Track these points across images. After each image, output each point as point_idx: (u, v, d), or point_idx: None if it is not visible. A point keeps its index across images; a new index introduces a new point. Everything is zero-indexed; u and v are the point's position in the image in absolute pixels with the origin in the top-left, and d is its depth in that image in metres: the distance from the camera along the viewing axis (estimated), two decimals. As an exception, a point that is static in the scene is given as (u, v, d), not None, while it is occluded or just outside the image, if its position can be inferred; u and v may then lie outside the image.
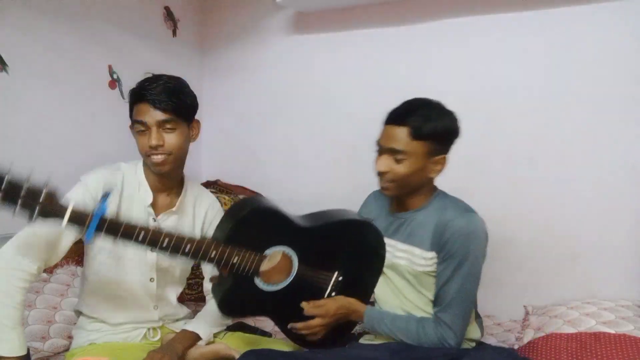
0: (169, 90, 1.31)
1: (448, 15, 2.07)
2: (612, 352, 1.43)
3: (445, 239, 1.26)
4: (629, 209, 1.81)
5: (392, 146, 1.26)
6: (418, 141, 1.24)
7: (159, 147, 1.30)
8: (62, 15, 1.94)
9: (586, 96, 1.85)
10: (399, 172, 1.27)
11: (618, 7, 1.79)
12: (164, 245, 1.14)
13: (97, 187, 1.30)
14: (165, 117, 1.30)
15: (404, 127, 1.25)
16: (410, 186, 1.31)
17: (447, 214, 1.28)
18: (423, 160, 1.26)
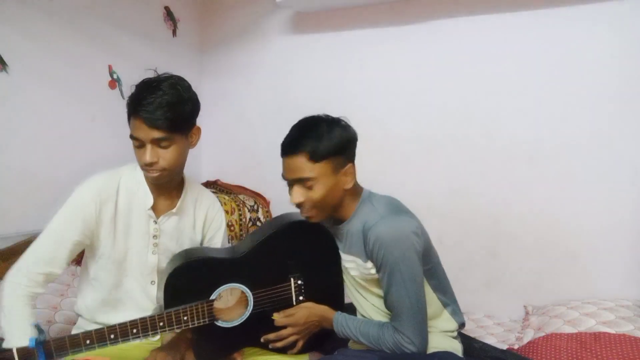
0: (165, 106, 1.25)
1: (448, 15, 2.07)
2: (612, 352, 1.43)
3: (369, 248, 1.24)
4: (629, 209, 1.82)
5: (297, 176, 1.25)
6: (319, 163, 1.23)
7: (153, 164, 1.28)
8: (62, 15, 1.94)
9: (586, 96, 1.86)
10: (315, 197, 1.25)
11: (618, 7, 1.79)
12: (111, 338, 1.18)
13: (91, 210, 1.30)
14: (160, 135, 1.26)
15: (300, 155, 1.24)
16: (331, 205, 1.29)
17: (369, 221, 1.25)
18: (332, 178, 1.25)
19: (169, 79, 1.31)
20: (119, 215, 1.35)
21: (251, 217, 2.37)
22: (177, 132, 1.29)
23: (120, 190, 1.35)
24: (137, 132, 1.27)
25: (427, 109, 2.14)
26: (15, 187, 1.81)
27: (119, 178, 1.37)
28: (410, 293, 1.22)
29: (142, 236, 1.38)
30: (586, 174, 1.87)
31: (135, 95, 1.29)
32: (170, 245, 1.42)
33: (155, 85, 1.28)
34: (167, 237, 1.41)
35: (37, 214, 1.87)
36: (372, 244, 1.22)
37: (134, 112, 1.26)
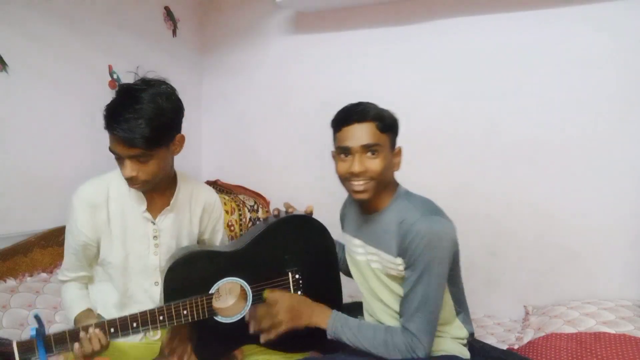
0: (143, 124, 1.20)
1: (448, 15, 2.07)
2: (612, 352, 1.43)
3: (406, 244, 1.21)
4: (629, 208, 1.82)
5: (366, 142, 1.23)
6: (385, 133, 1.25)
7: (133, 177, 1.26)
8: (62, 16, 1.94)
9: (586, 96, 1.85)
10: (376, 168, 1.23)
11: (618, 7, 1.79)
12: (111, 332, 1.20)
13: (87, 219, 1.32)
14: (138, 152, 1.23)
15: (370, 122, 1.24)
16: (384, 184, 1.28)
17: (408, 218, 1.22)
18: (390, 154, 1.27)
19: (150, 87, 1.25)
20: (113, 221, 1.35)
21: (251, 217, 2.37)
22: (156, 147, 1.25)
23: (111, 196, 1.35)
24: (114, 147, 1.25)
25: (427, 108, 2.14)
26: (15, 187, 1.81)
27: (107, 184, 1.36)
28: (434, 295, 1.20)
29: (141, 239, 1.38)
30: (586, 174, 1.87)
31: (111, 109, 1.24)
32: (171, 243, 1.42)
33: (133, 97, 1.22)
34: (167, 236, 1.41)
35: (37, 214, 1.88)
36: (411, 240, 1.19)
37: (109, 128, 1.23)
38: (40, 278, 1.77)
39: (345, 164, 1.26)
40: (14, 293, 1.64)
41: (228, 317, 1.34)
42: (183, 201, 1.45)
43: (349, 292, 2.31)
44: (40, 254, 1.81)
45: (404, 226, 1.22)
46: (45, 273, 1.80)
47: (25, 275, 1.75)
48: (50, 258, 1.84)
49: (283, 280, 1.41)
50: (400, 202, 1.29)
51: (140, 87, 1.25)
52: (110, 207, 1.35)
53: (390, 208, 1.29)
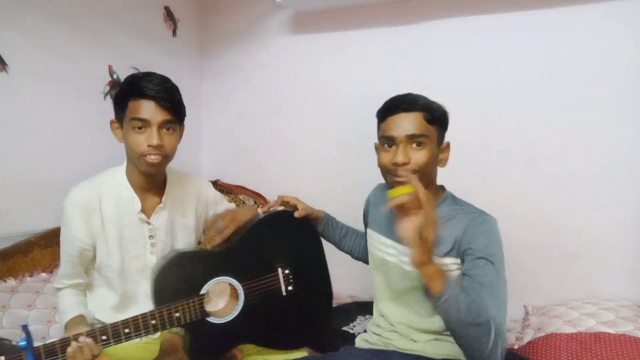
0: (171, 90, 1.28)
1: (448, 15, 2.07)
2: (612, 352, 1.43)
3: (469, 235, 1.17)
4: (629, 208, 1.82)
5: (412, 132, 1.18)
6: (432, 125, 1.20)
7: (159, 147, 1.27)
8: (62, 16, 1.94)
9: (585, 96, 1.85)
10: (421, 160, 1.18)
11: (617, 7, 1.79)
12: (103, 340, 1.16)
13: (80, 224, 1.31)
14: (169, 117, 1.27)
15: (417, 112, 1.20)
16: (428, 178, 1.22)
17: (463, 215, 1.21)
18: (436, 148, 1.22)
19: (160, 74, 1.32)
20: (107, 224, 1.34)
21: (251, 217, 2.37)
22: (180, 118, 1.32)
23: (103, 199, 1.34)
24: (144, 113, 1.25)
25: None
26: (15, 187, 1.81)
27: (100, 187, 1.35)
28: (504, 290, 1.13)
29: (138, 240, 1.38)
30: (586, 174, 1.87)
31: (134, 80, 1.27)
32: (166, 240, 1.42)
33: (150, 73, 1.29)
34: (162, 233, 1.41)
35: (37, 214, 1.88)
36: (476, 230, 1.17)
37: (139, 92, 1.24)
38: (40, 278, 1.77)
39: (389, 154, 1.21)
40: (14, 293, 1.64)
41: (221, 317, 1.33)
42: (174, 197, 1.45)
43: (349, 292, 2.31)
44: (40, 254, 1.81)
45: (458, 223, 1.19)
46: (45, 273, 1.80)
47: (25, 275, 1.75)
48: (50, 258, 1.84)
49: (273, 276, 1.40)
50: (447, 205, 1.25)
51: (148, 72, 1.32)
52: (104, 210, 1.34)
53: (439, 209, 1.24)
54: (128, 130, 1.28)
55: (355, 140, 2.28)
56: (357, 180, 2.32)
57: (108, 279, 1.38)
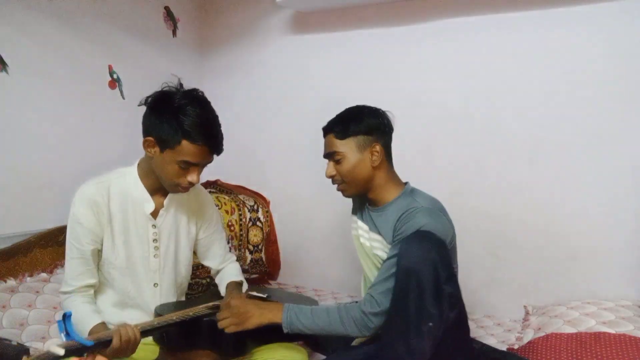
0: (220, 132, 1.38)
1: (448, 15, 2.07)
2: (612, 352, 1.43)
3: (398, 226, 1.31)
4: (629, 208, 1.81)
5: (326, 152, 1.45)
6: (344, 139, 1.40)
7: (194, 184, 1.35)
8: (62, 16, 1.94)
9: (586, 96, 1.85)
10: (342, 170, 1.41)
11: (618, 7, 1.79)
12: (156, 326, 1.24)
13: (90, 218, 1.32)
14: (211, 160, 1.36)
15: (329, 134, 1.45)
16: (361, 180, 1.41)
17: (410, 208, 1.33)
18: (358, 154, 1.39)
19: (204, 98, 1.37)
20: (114, 221, 1.36)
21: (251, 217, 2.37)
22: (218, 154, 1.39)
23: (112, 197, 1.36)
24: (195, 158, 1.30)
25: (426, 108, 2.14)
26: (15, 187, 1.81)
27: (108, 185, 1.36)
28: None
29: (142, 241, 1.39)
30: (586, 174, 1.87)
31: (197, 121, 1.28)
32: (170, 244, 1.43)
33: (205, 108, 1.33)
34: (166, 237, 1.42)
35: (37, 214, 1.88)
36: (403, 222, 1.29)
37: (196, 138, 1.27)
38: (40, 278, 1.76)
39: (326, 169, 1.47)
40: (14, 293, 1.63)
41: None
42: (179, 202, 1.46)
43: (349, 292, 2.31)
44: (40, 254, 1.81)
45: (403, 215, 1.32)
46: (45, 273, 1.80)
47: (25, 275, 1.74)
48: (50, 258, 1.83)
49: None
50: (404, 199, 1.39)
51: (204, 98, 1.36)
52: (112, 207, 1.35)
53: (393, 204, 1.40)
54: (171, 162, 1.30)
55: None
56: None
57: (111, 275, 1.38)
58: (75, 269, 1.34)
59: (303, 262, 2.51)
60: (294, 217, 2.52)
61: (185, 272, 1.52)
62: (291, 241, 2.50)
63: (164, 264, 1.44)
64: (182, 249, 1.48)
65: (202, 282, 2.02)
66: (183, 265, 1.50)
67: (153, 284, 1.42)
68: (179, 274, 1.49)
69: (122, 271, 1.37)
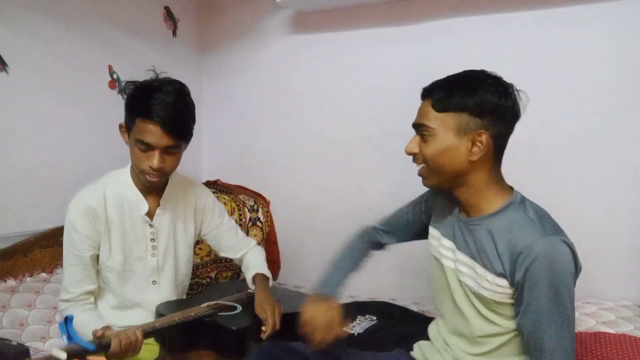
0: (179, 113, 1.27)
1: (448, 15, 2.07)
2: (612, 352, 1.42)
3: (520, 268, 0.99)
4: (629, 209, 1.81)
5: (417, 122, 1.11)
6: (442, 112, 1.07)
7: (159, 169, 1.28)
8: (62, 15, 1.94)
9: (586, 96, 1.85)
10: (426, 152, 1.08)
11: (618, 7, 1.78)
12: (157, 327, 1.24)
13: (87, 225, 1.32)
14: (172, 143, 1.27)
15: (427, 98, 1.11)
16: (448, 172, 1.08)
17: (523, 234, 1.02)
18: (453, 138, 1.05)
19: (173, 83, 1.31)
20: (111, 225, 1.36)
21: (251, 217, 2.37)
22: (185, 140, 1.32)
23: (108, 200, 1.36)
24: (148, 137, 1.25)
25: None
26: (15, 187, 1.81)
27: (103, 189, 1.37)
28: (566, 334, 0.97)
29: (140, 241, 1.39)
30: (586, 174, 1.87)
31: (143, 96, 1.26)
32: (168, 242, 1.43)
33: (163, 90, 1.26)
34: (164, 236, 1.42)
35: (37, 214, 1.88)
36: (528, 264, 0.98)
37: (147, 114, 1.23)
38: (40, 278, 1.76)
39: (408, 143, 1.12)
40: (14, 293, 1.64)
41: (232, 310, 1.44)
42: (175, 200, 1.46)
43: (349, 292, 2.31)
44: (40, 254, 1.81)
45: (516, 245, 1.01)
46: (45, 273, 1.80)
47: (25, 275, 1.75)
48: (50, 258, 1.83)
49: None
50: (512, 211, 1.08)
51: (164, 82, 1.30)
52: (108, 211, 1.36)
53: (499, 215, 1.08)
54: (132, 144, 1.30)
55: (355, 140, 2.28)
56: (358, 181, 2.33)
57: (108, 279, 1.38)
58: (74, 276, 1.33)
59: (303, 262, 2.51)
60: (294, 217, 2.52)
61: (185, 270, 1.53)
62: (291, 241, 2.50)
63: (163, 262, 1.44)
64: (180, 247, 1.49)
65: (202, 282, 2.02)
66: (182, 263, 1.51)
67: (152, 281, 1.42)
68: (178, 271, 1.50)
69: (119, 274, 1.38)
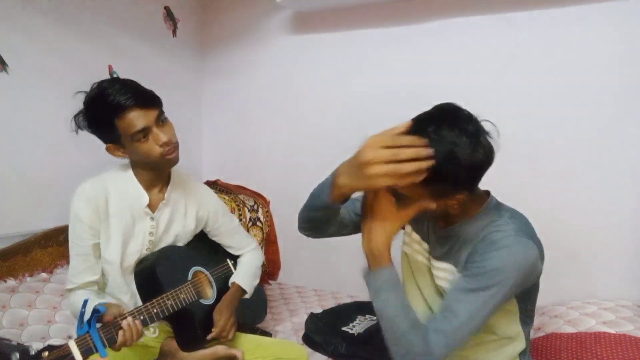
0: (136, 87, 1.29)
1: (448, 15, 2.07)
2: (612, 352, 1.43)
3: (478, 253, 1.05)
4: (629, 208, 1.81)
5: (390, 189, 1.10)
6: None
7: (170, 141, 1.30)
8: (62, 15, 1.94)
9: (586, 96, 1.85)
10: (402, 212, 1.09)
11: (618, 7, 1.78)
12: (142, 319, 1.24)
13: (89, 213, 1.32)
14: (158, 111, 1.29)
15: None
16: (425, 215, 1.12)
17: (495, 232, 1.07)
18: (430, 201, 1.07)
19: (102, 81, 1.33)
20: (112, 218, 1.36)
21: (251, 217, 2.37)
22: (161, 105, 1.33)
23: (110, 194, 1.36)
24: (138, 123, 1.26)
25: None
26: (15, 187, 1.81)
27: (106, 183, 1.37)
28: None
29: (138, 235, 1.39)
30: (586, 174, 1.87)
31: (101, 104, 1.28)
32: (164, 237, 1.44)
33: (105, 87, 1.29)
34: (161, 230, 1.43)
35: (37, 214, 1.88)
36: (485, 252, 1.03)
37: (119, 109, 1.25)
38: (40, 278, 1.77)
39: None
40: (14, 293, 1.64)
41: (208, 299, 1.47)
42: (177, 196, 1.47)
43: (349, 292, 2.31)
44: (40, 254, 1.82)
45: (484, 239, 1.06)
46: (45, 273, 1.80)
47: (25, 275, 1.75)
48: (50, 258, 1.84)
49: (225, 266, 1.61)
50: (487, 215, 1.13)
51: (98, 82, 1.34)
52: (110, 205, 1.36)
53: (474, 220, 1.12)
54: (132, 144, 1.29)
55: (355, 140, 2.27)
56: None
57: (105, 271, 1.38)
58: (78, 267, 1.35)
59: (303, 262, 2.51)
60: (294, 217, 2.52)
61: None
62: (291, 241, 2.50)
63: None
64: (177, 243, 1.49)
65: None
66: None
67: None
68: None
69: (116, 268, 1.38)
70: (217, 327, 1.39)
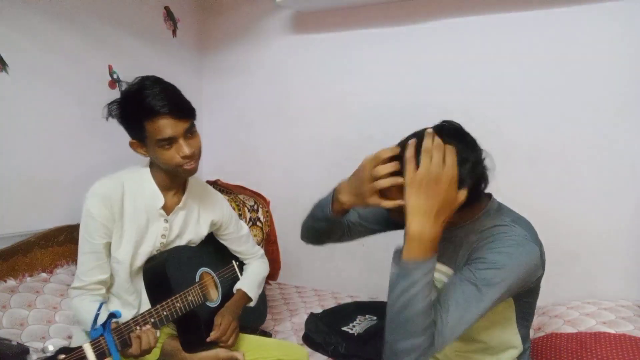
0: (176, 96, 1.29)
1: (448, 15, 2.07)
2: (612, 352, 1.43)
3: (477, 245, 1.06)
4: (628, 209, 1.82)
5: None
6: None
7: (192, 155, 1.31)
8: (62, 15, 1.94)
9: (586, 96, 1.86)
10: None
11: (618, 7, 1.79)
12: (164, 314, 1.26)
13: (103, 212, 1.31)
14: (188, 125, 1.30)
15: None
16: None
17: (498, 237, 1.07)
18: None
19: (147, 78, 1.32)
20: (126, 217, 1.36)
21: (251, 217, 2.37)
22: (194, 117, 1.34)
23: (126, 194, 1.36)
24: (166, 131, 1.26)
25: (427, 109, 2.12)
26: (15, 187, 1.81)
27: (122, 182, 1.37)
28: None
29: (150, 237, 1.39)
30: (586, 175, 1.87)
31: (135, 102, 1.26)
32: (176, 241, 1.45)
33: (146, 86, 1.27)
34: (174, 234, 1.43)
35: (37, 214, 1.88)
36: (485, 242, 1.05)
37: (151, 113, 1.24)
38: (40, 278, 1.77)
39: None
40: (14, 293, 1.64)
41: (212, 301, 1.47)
42: (193, 201, 1.48)
43: (349, 292, 2.31)
44: (40, 254, 1.81)
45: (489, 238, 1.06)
46: (45, 273, 1.80)
47: (25, 275, 1.75)
48: (50, 258, 1.84)
49: (231, 268, 1.62)
50: (489, 218, 1.13)
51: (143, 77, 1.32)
52: (125, 204, 1.36)
53: (476, 223, 1.13)
54: (155, 149, 1.30)
55: (355, 140, 2.28)
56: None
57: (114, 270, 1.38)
58: (87, 264, 1.33)
59: (303, 262, 2.52)
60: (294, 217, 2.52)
61: None
62: (291, 241, 2.49)
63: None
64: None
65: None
66: None
67: None
68: None
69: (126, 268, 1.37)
70: (217, 330, 1.38)
